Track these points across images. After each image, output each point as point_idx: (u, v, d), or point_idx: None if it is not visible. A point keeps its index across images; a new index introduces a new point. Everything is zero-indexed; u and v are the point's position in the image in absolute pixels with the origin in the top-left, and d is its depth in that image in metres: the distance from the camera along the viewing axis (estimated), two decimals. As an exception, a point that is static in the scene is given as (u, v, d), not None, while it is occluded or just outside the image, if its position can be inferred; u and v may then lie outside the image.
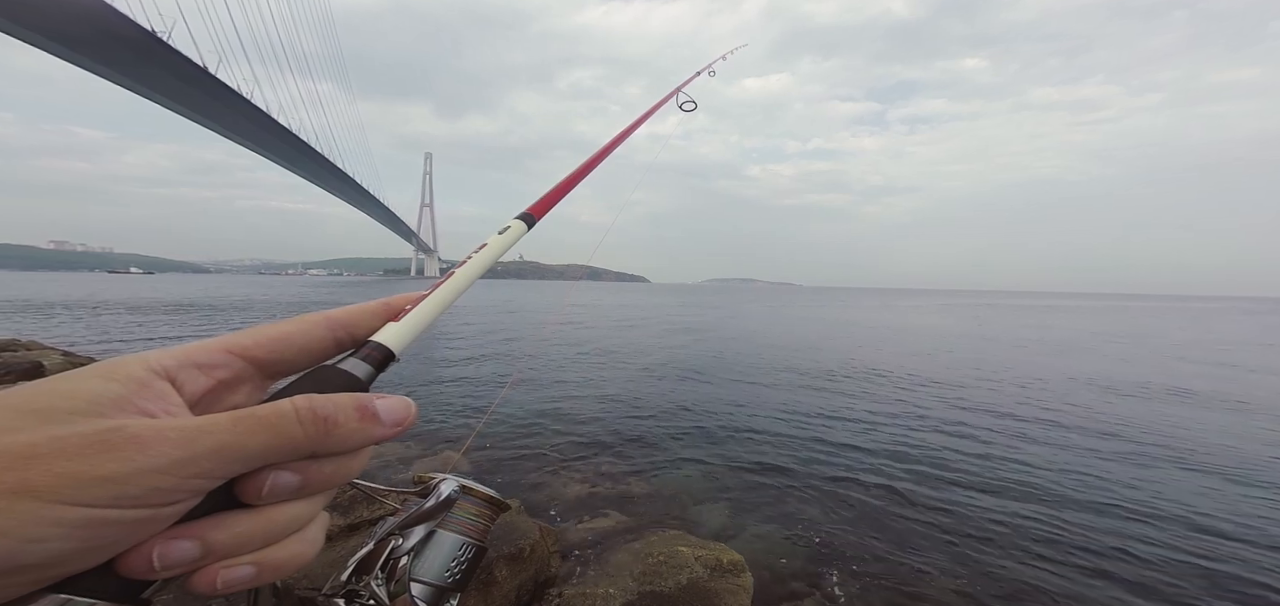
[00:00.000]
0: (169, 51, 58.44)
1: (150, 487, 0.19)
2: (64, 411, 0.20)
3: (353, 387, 0.27)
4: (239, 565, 0.23)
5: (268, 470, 0.23)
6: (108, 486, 0.19)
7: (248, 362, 0.28)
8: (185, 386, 0.25)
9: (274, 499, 0.24)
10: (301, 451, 0.24)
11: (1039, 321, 32.02)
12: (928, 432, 6.89)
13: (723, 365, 12.36)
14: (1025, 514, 4.50)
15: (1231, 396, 9.70)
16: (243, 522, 0.23)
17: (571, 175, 0.56)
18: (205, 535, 0.22)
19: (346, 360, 0.29)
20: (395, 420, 0.27)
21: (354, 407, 0.25)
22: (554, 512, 4.28)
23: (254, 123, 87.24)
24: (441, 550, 0.42)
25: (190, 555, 0.22)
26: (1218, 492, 5.06)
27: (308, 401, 0.24)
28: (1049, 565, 3.73)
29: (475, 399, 8.41)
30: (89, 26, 54.44)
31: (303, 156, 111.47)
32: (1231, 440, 6.83)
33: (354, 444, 0.26)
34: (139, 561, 0.20)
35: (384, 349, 0.30)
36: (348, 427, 0.25)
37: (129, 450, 0.19)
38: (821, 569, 3.62)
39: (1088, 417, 7.87)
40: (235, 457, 0.22)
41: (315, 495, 0.26)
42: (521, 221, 0.45)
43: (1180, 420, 7.85)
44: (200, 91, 70.81)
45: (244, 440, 0.22)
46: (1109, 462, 5.84)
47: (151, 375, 0.23)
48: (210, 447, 0.21)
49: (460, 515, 0.45)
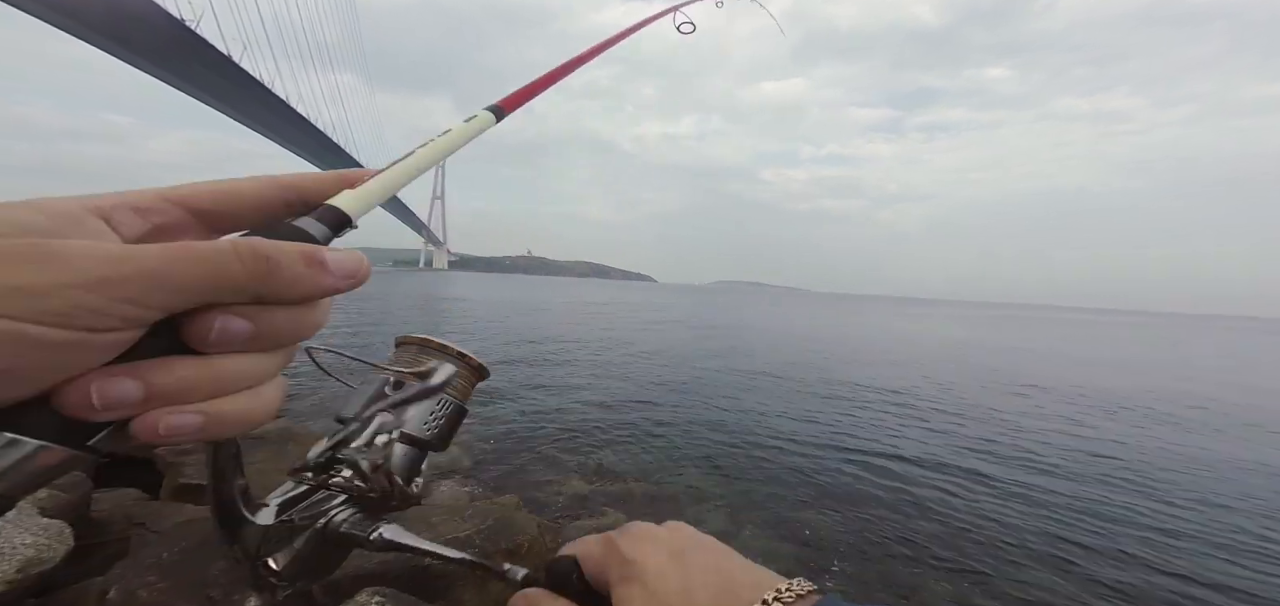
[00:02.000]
0: (197, 40, 59.64)
1: (75, 304, 0.18)
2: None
3: (305, 241, 0.25)
4: (185, 412, 0.22)
5: (215, 312, 0.22)
6: (29, 298, 0.18)
7: (189, 212, 0.27)
8: (120, 227, 0.23)
9: (223, 346, 0.22)
10: (242, 292, 0.22)
11: (1057, 335, 31.60)
12: (925, 438, 6.86)
13: (724, 368, 12.36)
14: (1022, 520, 4.49)
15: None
16: (189, 367, 0.22)
17: (547, 75, 0.53)
18: (147, 375, 0.21)
19: (300, 219, 0.27)
20: (345, 272, 0.25)
21: (299, 252, 0.24)
22: (553, 509, 4.33)
23: (273, 112, 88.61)
24: (421, 405, 0.42)
25: (131, 395, 0.20)
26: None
27: (248, 241, 0.23)
28: (1045, 571, 3.72)
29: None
30: (121, 15, 55.74)
31: (321, 147, 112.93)
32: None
33: (300, 290, 0.24)
34: (77, 396, 0.20)
35: (338, 211, 0.28)
36: (292, 271, 0.23)
37: (52, 263, 0.18)
38: (818, 573, 3.63)
39: (1086, 429, 7.78)
40: (166, 286, 0.20)
41: (269, 351, 0.25)
42: (490, 113, 0.43)
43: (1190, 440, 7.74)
44: (224, 80, 72.14)
45: (176, 268, 0.20)
46: (1104, 468, 5.78)
47: (85, 212, 0.22)
48: (138, 270, 0.20)
49: (441, 371, 0.44)
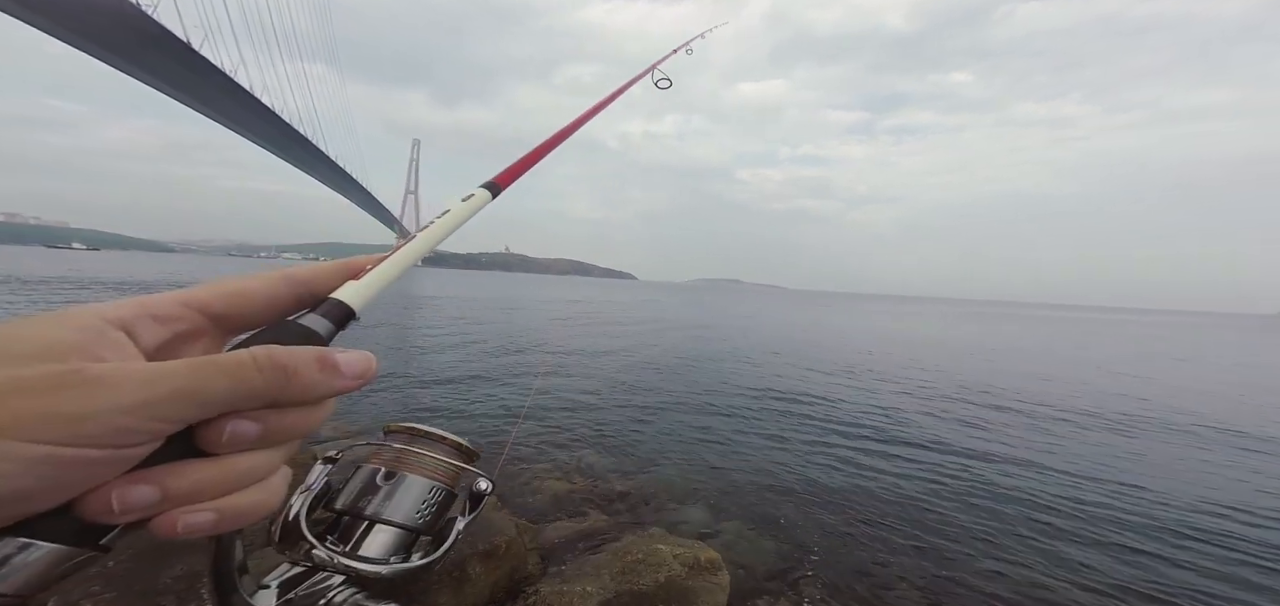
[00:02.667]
0: (154, 26, 56.63)
1: (110, 427, 0.20)
2: (21, 354, 0.20)
3: (312, 342, 0.27)
4: (199, 511, 0.23)
5: (227, 418, 0.23)
6: (69, 424, 0.19)
7: (205, 316, 0.28)
8: (141, 337, 0.25)
9: (234, 447, 0.24)
10: (261, 399, 0.24)
11: (1021, 332, 32.77)
12: (906, 436, 6.99)
13: (704, 365, 12.40)
14: (1002, 518, 4.60)
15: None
16: (202, 470, 0.23)
17: (539, 147, 0.55)
18: (163, 480, 0.22)
19: (306, 316, 0.29)
20: (355, 373, 0.27)
21: (314, 358, 0.25)
22: (531, 509, 4.24)
23: (236, 102, 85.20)
24: (411, 492, 0.43)
25: (149, 499, 0.22)
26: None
27: (266, 350, 0.24)
28: (1023, 568, 3.81)
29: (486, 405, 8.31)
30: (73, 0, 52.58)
31: (285, 138, 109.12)
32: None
33: (314, 393, 0.26)
34: (98, 504, 0.21)
35: (344, 306, 0.29)
36: (307, 377, 0.25)
37: (90, 389, 0.20)
38: (797, 567, 3.65)
39: (1071, 422, 8.08)
40: (193, 401, 0.22)
41: (277, 446, 0.26)
42: (486, 190, 0.44)
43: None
44: (182, 68, 68.80)
45: (202, 384, 0.22)
46: (1101, 470, 6.00)
47: (107, 325, 0.23)
48: (168, 390, 0.21)
49: (430, 460, 0.46)
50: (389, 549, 0.41)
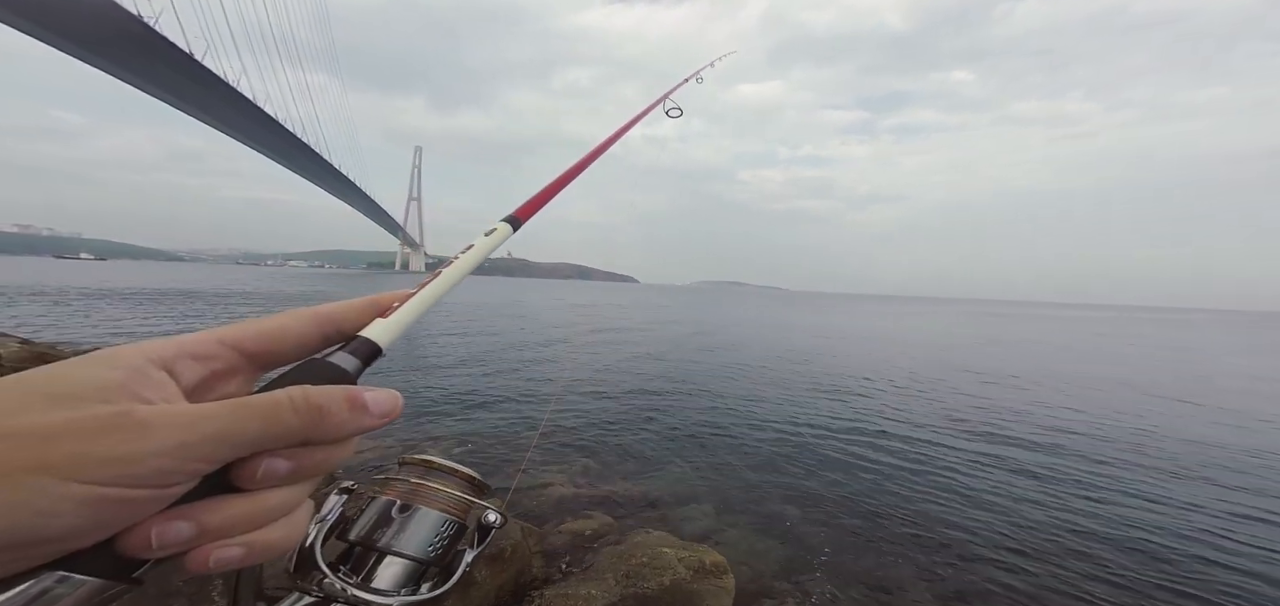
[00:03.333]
0: (156, 37, 57.16)
1: (156, 469, 0.21)
2: (74, 396, 0.21)
3: (341, 380, 0.28)
4: (229, 546, 0.24)
5: (260, 455, 0.25)
6: (118, 466, 0.20)
7: (240, 354, 0.29)
8: (181, 376, 0.26)
9: (265, 483, 0.25)
10: (295, 438, 0.25)
11: (1025, 332, 32.58)
12: (910, 438, 6.97)
13: (708, 367, 12.40)
14: (1006, 520, 4.57)
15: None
16: (235, 506, 0.24)
17: (557, 180, 0.57)
18: (200, 517, 0.23)
19: (335, 353, 0.30)
20: (383, 411, 0.28)
21: (345, 398, 0.27)
22: (536, 512, 4.24)
23: (240, 111, 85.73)
24: (424, 525, 0.45)
25: (185, 535, 0.23)
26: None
27: (302, 391, 0.26)
28: (1027, 570, 3.78)
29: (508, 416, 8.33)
30: (77, 12, 53.10)
31: (288, 147, 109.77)
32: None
33: (344, 432, 0.27)
34: (138, 540, 0.22)
35: (371, 344, 0.31)
36: (339, 417, 0.26)
37: (137, 433, 0.21)
38: (802, 570, 3.65)
39: (1069, 426, 8.03)
40: (233, 442, 0.23)
41: (303, 481, 0.27)
42: (507, 224, 0.47)
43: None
44: (186, 78, 69.35)
45: (242, 426, 0.23)
46: (1103, 474, 5.96)
47: (149, 364, 0.25)
48: (211, 432, 0.22)
49: (443, 493, 0.47)
50: (400, 581, 0.42)
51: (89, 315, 16.73)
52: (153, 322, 16.49)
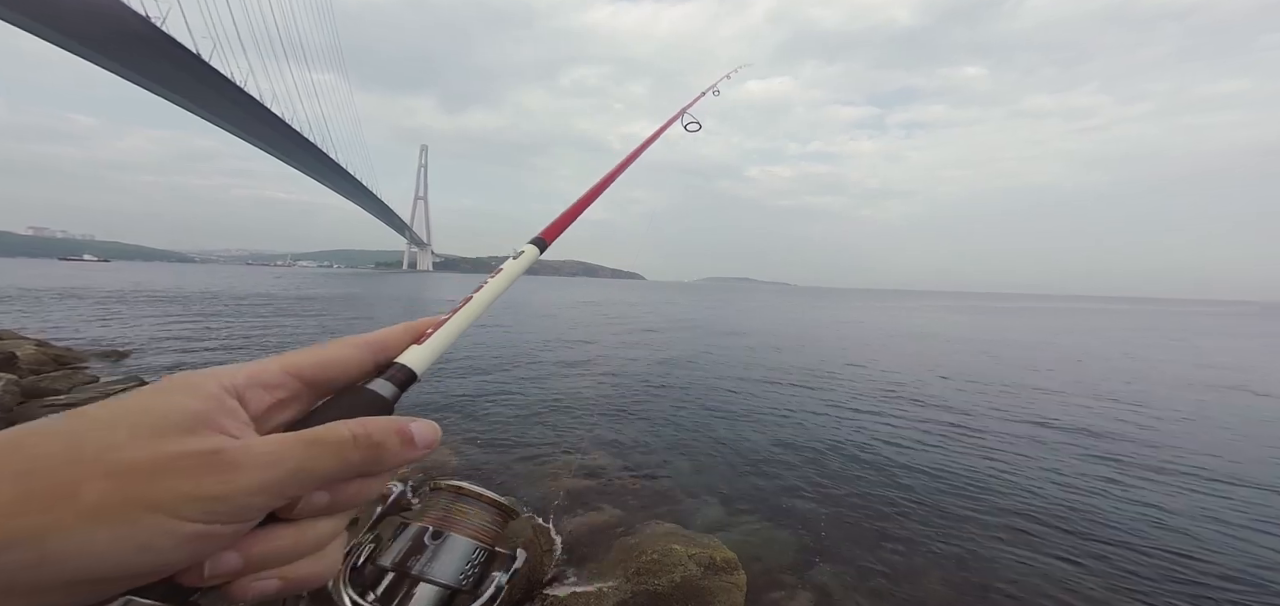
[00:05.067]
0: (163, 38, 57.63)
1: (242, 506, 0.22)
2: (166, 427, 0.22)
3: (381, 407, 0.30)
4: (268, 577, 0.25)
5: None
6: (212, 504, 0.21)
7: (301, 382, 0.30)
8: (250, 405, 0.27)
9: (305, 514, 0.26)
10: (356, 473, 0.26)
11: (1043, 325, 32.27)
12: (922, 432, 6.91)
13: (717, 363, 12.36)
14: (1018, 514, 4.52)
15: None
16: (278, 538, 0.25)
17: (581, 199, 0.59)
18: (248, 548, 0.24)
19: (374, 382, 0.31)
20: (426, 443, 0.30)
21: (397, 434, 0.28)
22: (548, 508, 4.25)
23: (247, 112, 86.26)
24: (456, 552, 0.45)
25: (234, 566, 0.23)
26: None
27: (362, 427, 0.27)
28: (1038, 564, 3.74)
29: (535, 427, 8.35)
30: (82, 11, 53.61)
31: (296, 147, 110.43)
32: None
33: (395, 465, 0.28)
34: (193, 572, 0.22)
35: (408, 370, 0.32)
36: (392, 451, 0.27)
37: (231, 471, 0.22)
38: (814, 565, 3.62)
39: (1092, 422, 7.93)
40: (306, 480, 0.24)
41: (340, 513, 0.28)
42: (534, 245, 0.49)
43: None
44: (193, 79, 69.85)
45: (316, 464, 0.24)
46: (1111, 470, 5.89)
47: (225, 393, 0.25)
48: (289, 471, 0.23)
49: (475, 520, 0.48)
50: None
51: (109, 320, 16.92)
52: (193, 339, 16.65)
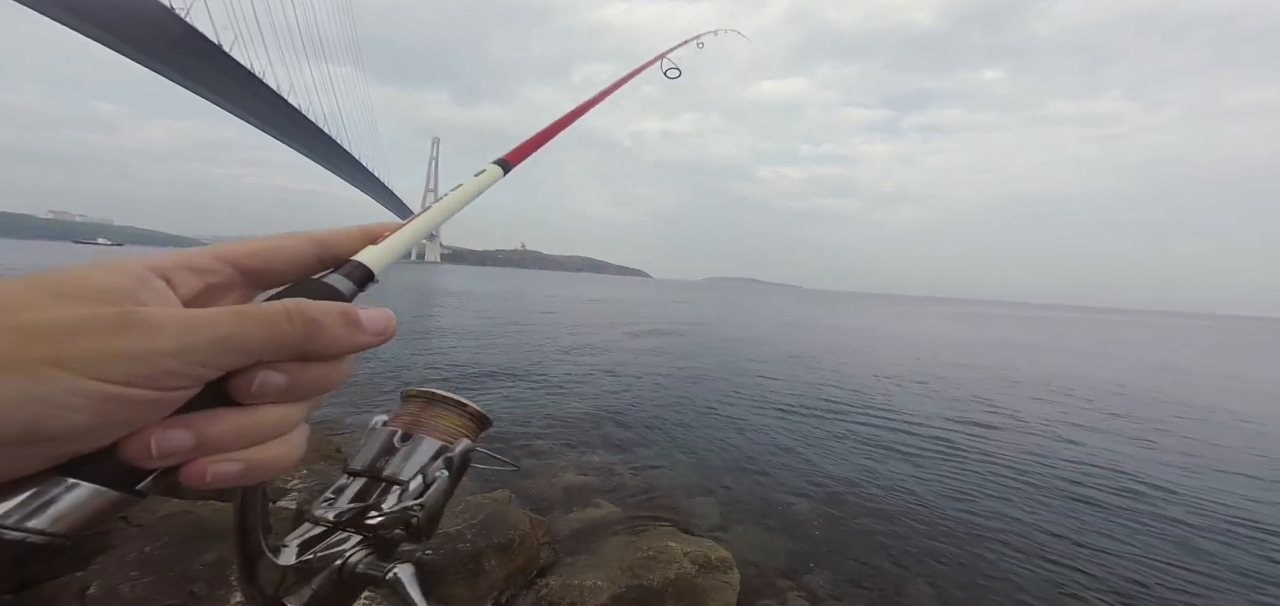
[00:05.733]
0: (188, 30, 58.60)
1: (161, 368, 0.21)
2: (79, 296, 0.21)
3: (336, 298, 0.28)
4: (227, 460, 0.24)
5: (257, 368, 0.25)
6: (126, 363, 0.20)
7: (237, 271, 0.30)
8: (179, 287, 0.26)
9: (263, 398, 0.25)
10: (290, 350, 0.25)
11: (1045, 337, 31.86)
12: (917, 437, 6.89)
13: (717, 364, 12.36)
14: (1014, 521, 4.51)
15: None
16: (233, 418, 0.24)
17: (550, 127, 0.57)
18: (198, 426, 0.23)
19: (330, 275, 0.30)
20: (377, 329, 0.28)
21: (339, 313, 0.27)
22: (545, 503, 4.30)
23: (265, 103, 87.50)
24: (424, 453, 0.46)
25: (185, 444, 0.23)
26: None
27: (297, 303, 0.26)
28: (1034, 570, 3.75)
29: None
30: (113, 5, 54.63)
31: (312, 138, 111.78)
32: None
33: (339, 347, 0.27)
34: (138, 448, 0.22)
35: (364, 267, 0.31)
36: (333, 331, 0.26)
37: (144, 331, 0.21)
38: (807, 567, 3.65)
39: (1091, 428, 7.86)
40: (233, 349, 0.23)
41: (301, 400, 0.27)
42: (498, 166, 0.47)
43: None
44: (215, 69, 70.97)
45: (243, 331, 0.23)
46: (1117, 477, 5.83)
47: (150, 273, 0.25)
48: (213, 336, 0.23)
49: (443, 423, 0.48)
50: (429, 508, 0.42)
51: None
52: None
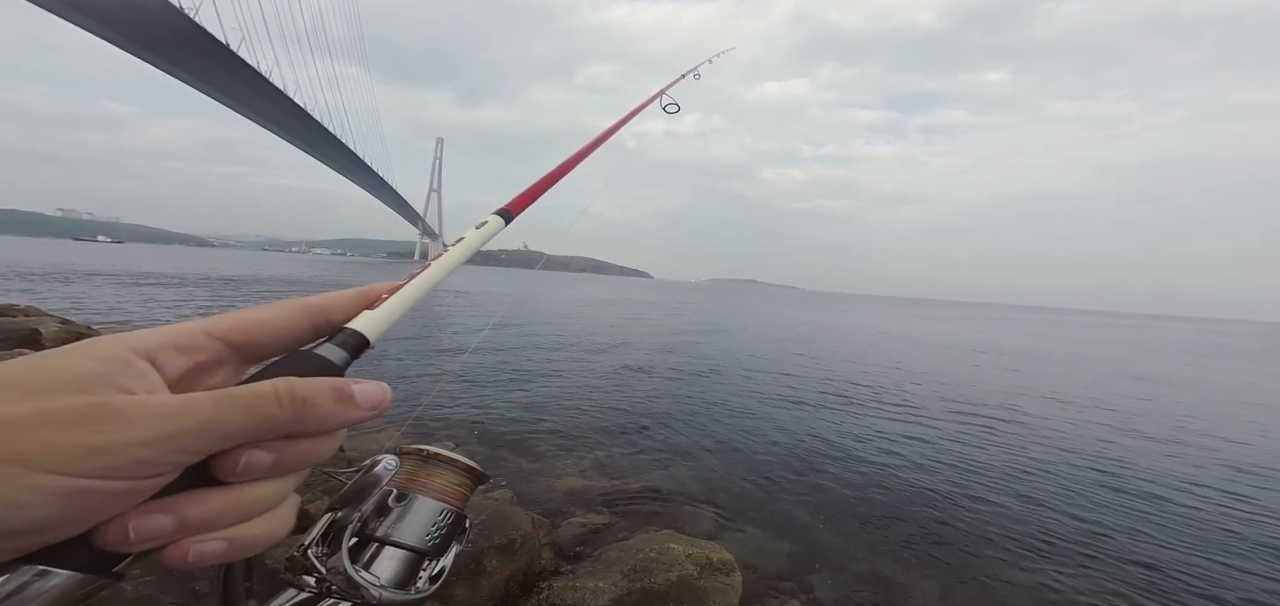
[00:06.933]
0: (195, 29, 58.89)
1: (134, 460, 0.20)
2: (49, 386, 0.20)
3: (328, 372, 0.27)
4: (211, 540, 0.23)
5: (242, 448, 0.24)
6: (93, 457, 0.19)
7: (226, 345, 0.29)
8: (165, 367, 0.25)
9: (248, 477, 0.24)
10: (279, 431, 0.24)
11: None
12: (920, 440, 6.86)
13: (718, 365, 12.35)
14: (1018, 523, 4.49)
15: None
16: (216, 499, 0.24)
17: (549, 175, 0.56)
18: (179, 510, 0.22)
19: (322, 346, 0.29)
20: (371, 403, 0.27)
21: (331, 390, 0.26)
22: (546, 505, 4.30)
23: (272, 102, 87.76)
24: (422, 514, 0.44)
25: (164, 528, 0.22)
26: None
27: (287, 383, 0.25)
28: (1037, 573, 3.73)
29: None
30: (121, 3, 54.99)
31: (317, 138, 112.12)
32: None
33: (330, 425, 0.26)
34: (116, 533, 0.21)
35: (359, 336, 0.30)
36: (324, 409, 0.25)
37: (114, 423, 0.20)
38: (809, 570, 3.64)
39: (1092, 437, 7.81)
40: (215, 434, 0.23)
41: (288, 475, 0.26)
42: (499, 217, 0.46)
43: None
44: (222, 69, 71.32)
45: (224, 417, 0.23)
46: (1118, 479, 5.80)
47: (132, 354, 0.24)
48: (192, 424, 0.22)
49: (439, 482, 0.47)
50: (398, 570, 0.41)
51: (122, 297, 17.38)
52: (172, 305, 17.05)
